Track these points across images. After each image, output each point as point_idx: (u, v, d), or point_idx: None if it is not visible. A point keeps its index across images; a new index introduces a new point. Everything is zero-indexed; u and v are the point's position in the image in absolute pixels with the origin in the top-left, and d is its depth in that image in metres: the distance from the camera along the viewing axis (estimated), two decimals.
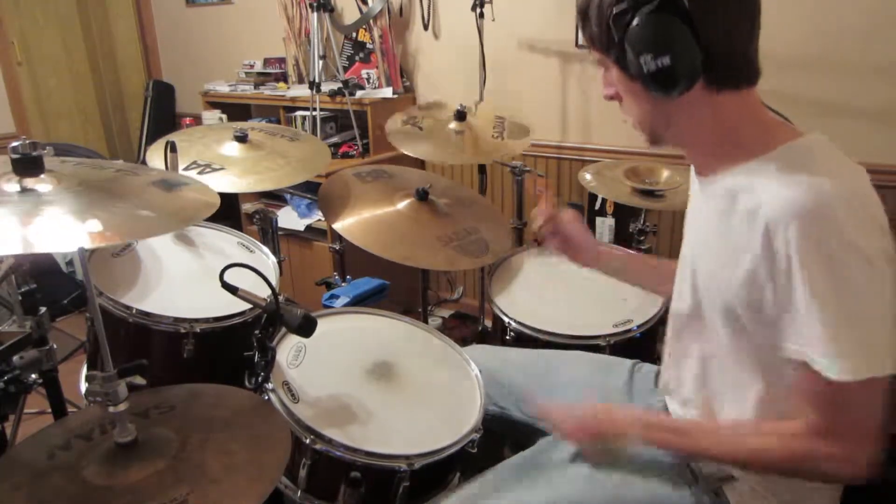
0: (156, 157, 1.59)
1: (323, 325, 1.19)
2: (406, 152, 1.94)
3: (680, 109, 0.89)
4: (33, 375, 1.23)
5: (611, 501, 0.99)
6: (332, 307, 1.57)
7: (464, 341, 1.60)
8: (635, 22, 0.82)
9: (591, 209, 2.51)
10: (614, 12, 0.84)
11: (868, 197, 0.82)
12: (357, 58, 3.04)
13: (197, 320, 1.29)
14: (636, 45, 0.83)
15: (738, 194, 0.87)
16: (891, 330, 0.79)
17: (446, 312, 3.00)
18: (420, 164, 2.86)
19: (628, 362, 1.29)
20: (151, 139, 3.24)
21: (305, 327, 1.07)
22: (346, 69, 3.03)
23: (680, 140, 0.96)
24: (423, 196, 1.66)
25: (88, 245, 0.79)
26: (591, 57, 0.94)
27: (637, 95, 0.91)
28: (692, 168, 1.07)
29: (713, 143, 0.92)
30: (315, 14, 2.71)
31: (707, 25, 0.81)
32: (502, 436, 1.32)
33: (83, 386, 1.40)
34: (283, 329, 1.22)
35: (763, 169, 0.85)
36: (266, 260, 1.55)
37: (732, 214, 0.88)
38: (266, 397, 1.11)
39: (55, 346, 1.25)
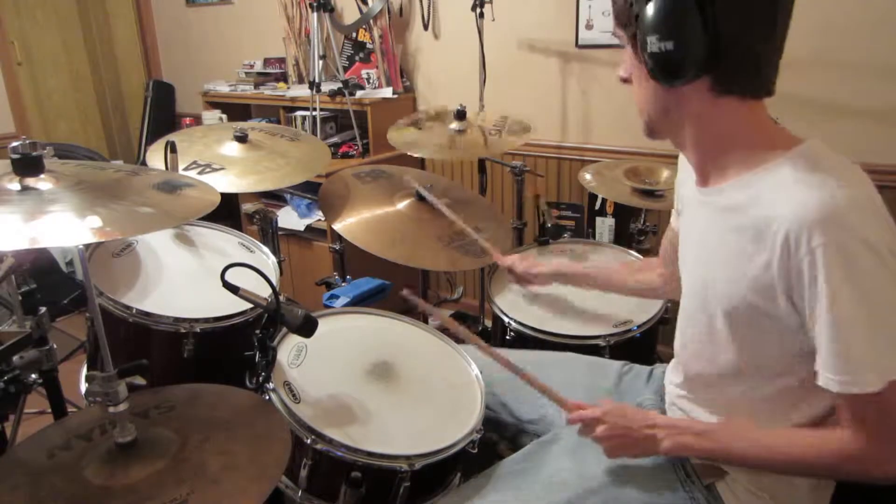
0: (156, 157, 1.59)
1: (323, 325, 1.19)
2: (406, 152, 1.94)
3: (679, 103, 0.89)
4: (33, 375, 1.23)
5: (604, 502, 0.99)
6: (333, 307, 1.57)
7: (463, 341, 1.60)
8: (652, 1, 0.82)
9: (591, 209, 2.51)
10: None
11: (877, 199, 0.82)
12: (357, 58, 3.04)
13: (197, 320, 1.29)
14: (646, 25, 0.83)
15: (741, 209, 0.86)
16: None
17: (446, 312, 3.00)
18: (420, 164, 2.86)
19: (617, 363, 1.29)
20: (151, 139, 3.24)
21: (306, 327, 1.07)
22: (346, 69, 3.03)
23: (674, 136, 0.94)
24: (422, 197, 1.66)
25: (89, 240, 0.79)
26: (615, 33, 0.94)
27: (642, 80, 0.90)
28: (680, 169, 1.06)
29: (709, 149, 0.91)
30: (315, 14, 2.71)
31: (723, 18, 0.79)
32: (494, 441, 1.31)
33: (83, 386, 1.40)
34: (284, 329, 1.22)
35: (768, 178, 0.84)
36: (266, 260, 1.55)
37: (738, 230, 0.86)
38: (267, 397, 1.11)
39: (55, 346, 1.25)
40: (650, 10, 0.82)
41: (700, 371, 1.02)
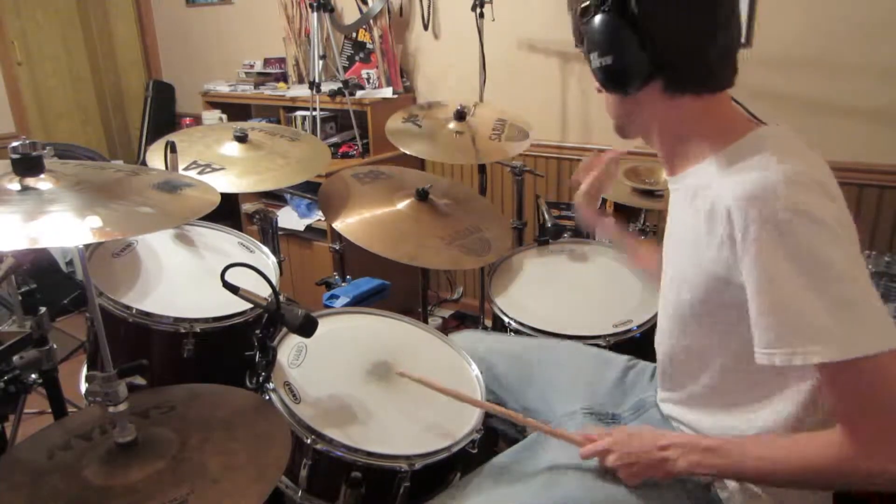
0: (156, 157, 1.59)
1: (324, 325, 1.19)
2: (405, 150, 1.93)
3: (639, 107, 0.94)
4: (33, 375, 1.23)
5: (601, 498, 0.99)
6: (333, 307, 1.57)
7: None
8: (591, 21, 0.87)
9: None
10: (579, 9, 0.90)
11: (821, 181, 0.80)
12: (357, 58, 3.04)
13: (197, 320, 1.29)
14: (588, 43, 0.89)
15: (697, 193, 0.89)
16: (875, 297, 0.75)
17: (446, 312, 3.00)
18: (420, 164, 2.86)
19: (623, 357, 1.30)
20: (151, 139, 3.24)
21: (307, 327, 1.06)
22: (346, 69, 3.03)
23: (643, 135, 1.00)
24: (423, 196, 1.66)
25: (89, 240, 0.79)
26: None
27: (604, 90, 0.96)
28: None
29: (673, 143, 0.95)
30: (315, 14, 2.71)
31: (656, 30, 0.84)
32: (494, 429, 1.32)
33: (83, 386, 1.40)
34: (284, 329, 1.22)
35: (719, 162, 0.87)
36: (266, 260, 1.55)
37: (695, 213, 0.89)
38: (267, 397, 1.11)
39: (55, 346, 1.25)
40: (589, 29, 0.88)
41: (678, 367, 1.03)
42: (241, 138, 1.72)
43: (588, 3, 0.88)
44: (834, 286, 0.74)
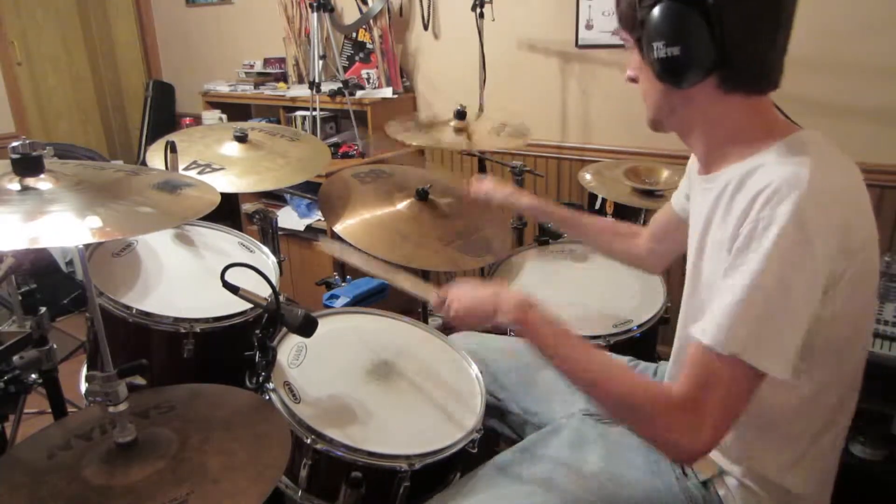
0: (156, 157, 1.59)
1: (323, 325, 1.19)
2: (405, 142, 1.94)
3: (687, 102, 0.91)
4: (33, 375, 1.23)
5: (600, 498, 0.99)
6: (333, 307, 1.57)
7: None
8: (657, 7, 0.84)
9: (591, 209, 2.51)
10: None
11: (845, 196, 0.82)
12: (357, 58, 3.04)
13: (197, 320, 1.29)
14: (652, 31, 0.85)
15: (731, 192, 0.87)
16: (791, 332, 0.79)
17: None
18: (420, 164, 2.86)
19: (624, 359, 1.30)
20: (151, 139, 3.24)
21: (306, 327, 1.07)
22: (346, 69, 3.03)
23: (681, 131, 0.97)
24: (423, 196, 1.66)
25: (89, 240, 0.79)
26: (620, 36, 0.96)
27: (650, 80, 0.92)
28: (690, 168, 1.07)
29: (714, 142, 0.93)
30: (315, 14, 2.71)
31: (727, 25, 0.81)
32: (494, 429, 1.32)
33: (83, 386, 1.40)
34: (284, 329, 1.22)
35: (755, 163, 0.86)
36: (266, 260, 1.55)
37: (727, 213, 0.87)
38: (267, 397, 1.11)
39: (55, 346, 1.25)
40: (655, 16, 0.84)
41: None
42: (241, 138, 1.72)
43: None
44: (775, 303, 0.78)
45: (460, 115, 2.05)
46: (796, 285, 0.78)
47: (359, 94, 2.83)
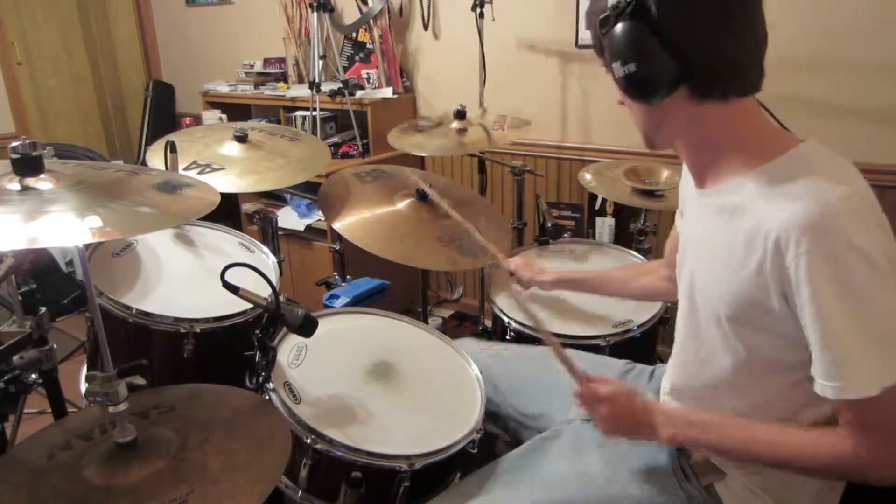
0: (156, 157, 1.59)
1: (323, 325, 1.19)
2: (409, 151, 1.94)
3: (666, 116, 0.91)
4: (33, 375, 1.23)
5: (603, 501, 0.99)
6: (333, 307, 1.57)
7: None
8: (613, 29, 0.86)
9: (591, 209, 2.51)
10: (599, 19, 0.88)
11: (871, 201, 0.81)
12: (357, 58, 3.04)
13: (197, 320, 1.29)
14: (610, 52, 0.88)
15: (736, 211, 0.86)
16: None
17: (446, 312, 3.00)
18: (420, 165, 2.86)
19: (620, 362, 1.30)
20: (151, 139, 3.24)
21: (306, 327, 1.07)
22: (346, 69, 3.03)
23: (671, 146, 0.96)
24: (423, 196, 1.66)
25: (89, 240, 0.79)
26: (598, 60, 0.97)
27: (628, 101, 0.94)
28: (684, 173, 1.07)
29: (701, 153, 0.93)
30: (315, 14, 2.71)
31: (676, 34, 0.82)
32: (494, 434, 1.32)
33: (83, 386, 1.40)
34: (284, 329, 1.22)
35: (760, 182, 0.84)
36: (266, 260, 1.55)
37: (733, 232, 0.86)
38: (267, 397, 1.11)
39: (55, 346, 1.25)
40: (611, 37, 0.86)
41: (687, 382, 1.03)
42: (241, 138, 1.72)
43: (607, 13, 0.86)
44: (881, 324, 0.77)
45: (460, 114, 2.05)
46: (880, 299, 0.77)
47: (359, 94, 2.83)
